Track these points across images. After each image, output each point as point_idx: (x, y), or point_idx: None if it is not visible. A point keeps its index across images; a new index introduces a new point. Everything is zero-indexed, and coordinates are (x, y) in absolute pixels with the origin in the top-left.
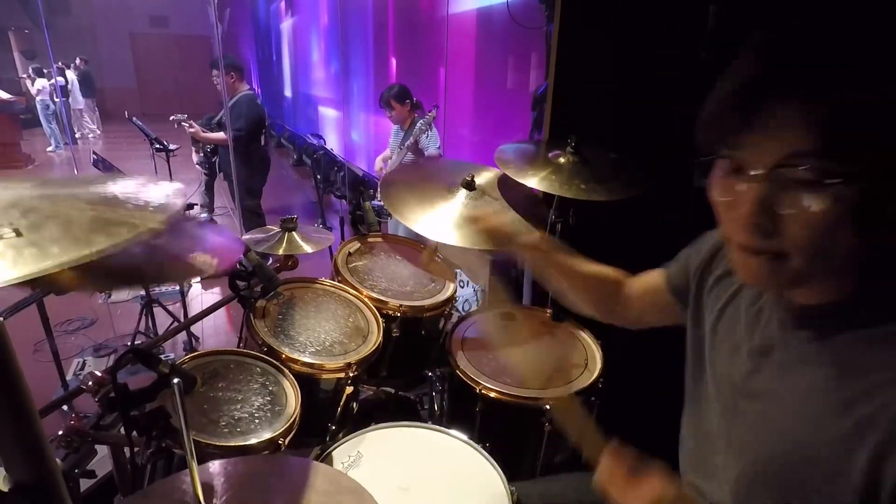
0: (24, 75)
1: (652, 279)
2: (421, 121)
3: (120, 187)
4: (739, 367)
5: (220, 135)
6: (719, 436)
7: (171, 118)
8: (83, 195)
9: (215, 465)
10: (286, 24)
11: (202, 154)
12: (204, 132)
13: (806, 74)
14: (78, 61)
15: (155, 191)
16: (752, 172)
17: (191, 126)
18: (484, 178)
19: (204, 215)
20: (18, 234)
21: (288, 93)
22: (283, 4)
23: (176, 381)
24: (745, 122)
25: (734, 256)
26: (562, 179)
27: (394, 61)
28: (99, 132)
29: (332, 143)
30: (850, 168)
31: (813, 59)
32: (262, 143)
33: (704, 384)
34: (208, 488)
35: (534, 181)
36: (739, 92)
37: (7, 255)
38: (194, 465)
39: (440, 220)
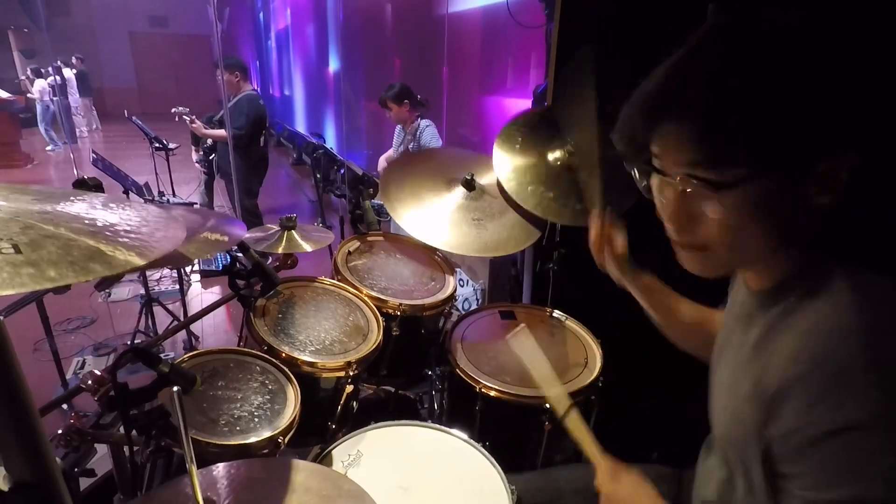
0: (24, 77)
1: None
2: (409, 127)
3: (123, 215)
4: (717, 362)
5: (221, 131)
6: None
7: (173, 110)
8: (84, 217)
9: (218, 469)
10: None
11: (201, 152)
12: (205, 128)
13: (685, 96)
14: (74, 60)
15: (157, 222)
16: (668, 176)
17: (192, 121)
18: (483, 176)
19: None
20: (17, 250)
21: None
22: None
23: (176, 389)
24: (648, 135)
25: (675, 251)
26: (558, 196)
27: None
28: (87, 132)
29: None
30: (733, 173)
31: (689, 82)
32: (262, 143)
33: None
34: (211, 493)
35: (531, 200)
36: (643, 108)
37: (4, 271)
38: (193, 468)
39: (439, 224)
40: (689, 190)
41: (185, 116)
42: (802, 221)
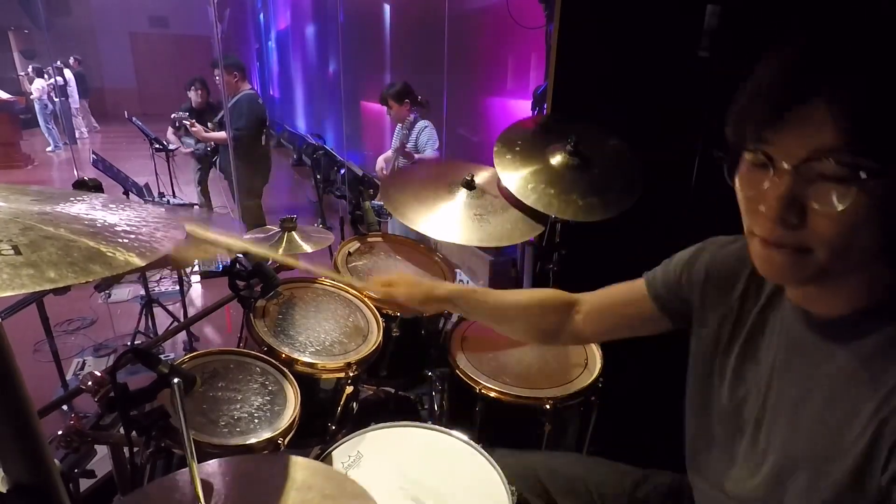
0: (23, 73)
1: (627, 292)
2: (405, 122)
3: (123, 216)
4: (760, 380)
5: (222, 134)
6: (739, 447)
7: (172, 116)
8: (84, 218)
9: (214, 465)
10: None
11: (179, 131)
12: (206, 131)
13: (834, 73)
14: (72, 61)
15: (157, 222)
16: (781, 167)
17: (192, 125)
18: (484, 177)
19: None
20: (17, 251)
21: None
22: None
23: (176, 381)
24: (777, 118)
25: (756, 251)
26: (560, 193)
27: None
28: (87, 133)
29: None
30: (874, 164)
31: (840, 60)
32: (264, 142)
33: (714, 389)
34: (208, 487)
35: (531, 196)
36: (772, 89)
37: (4, 273)
38: (194, 464)
39: (441, 219)
40: (810, 179)
41: (185, 122)
42: None
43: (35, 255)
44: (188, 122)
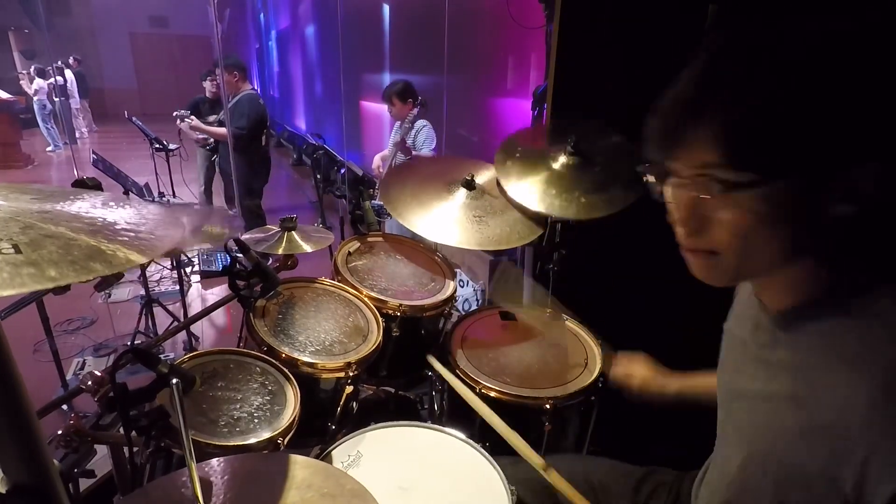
0: (24, 71)
1: None
2: (406, 119)
3: (123, 214)
4: (733, 369)
5: (223, 129)
6: (720, 437)
7: (175, 114)
8: (84, 217)
9: (214, 464)
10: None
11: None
12: (207, 123)
13: (710, 98)
14: (71, 61)
15: (156, 220)
16: (681, 179)
17: (192, 121)
18: (484, 176)
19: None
20: (17, 250)
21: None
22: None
23: (175, 381)
24: (673, 136)
25: (686, 260)
26: (561, 192)
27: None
28: (87, 132)
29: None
30: (752, 176)
31: (720, 87)
32: (264, 142)
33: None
34: (207, 487)
35: (533, 198)
36: (669, 110)
37: (4, 272)
38: (193, 464)
39: (440, 220)
40: (703, 192)
41: (187, 120)
42: (819, 231)
43: (35, 254)
44: (189, 119)
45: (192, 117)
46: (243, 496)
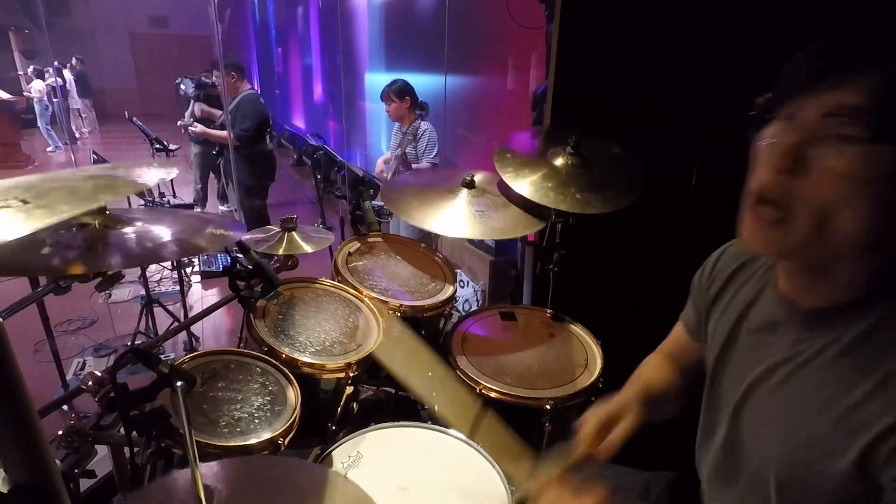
0: (22, 72)
1: (677, 338)
2: (405, 124)
3: (116, 170)
4: (750, 376)
5: (224, 133)
6: (735, 443)
7: (179, 123)
8: (82, 174)
9: (215, 466)
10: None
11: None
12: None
13: (874, 46)
14: (74, 61)
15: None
16: (801, 119)
17: (195, 127)
18: (484, 178)
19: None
20: (25, 202)
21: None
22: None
23: (179, 384)
24: (812, 82)
25: (744, 218)
26: (557, 186)
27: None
28: (87, 133)
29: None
30: (889, 135)
31: (881, 33)
32: (268, 141)
33: (716, 398)
34: (208, 488)
35: (529, 188)
36: (814, 55)
37: (18, 217)
38: (196, 466)
39: (443, 216)
40: (824, 134)
41: (191, 129)
42: None
43: (43, 201)
44: (194, 128)
45: (197, 125)
46: (243, 498)
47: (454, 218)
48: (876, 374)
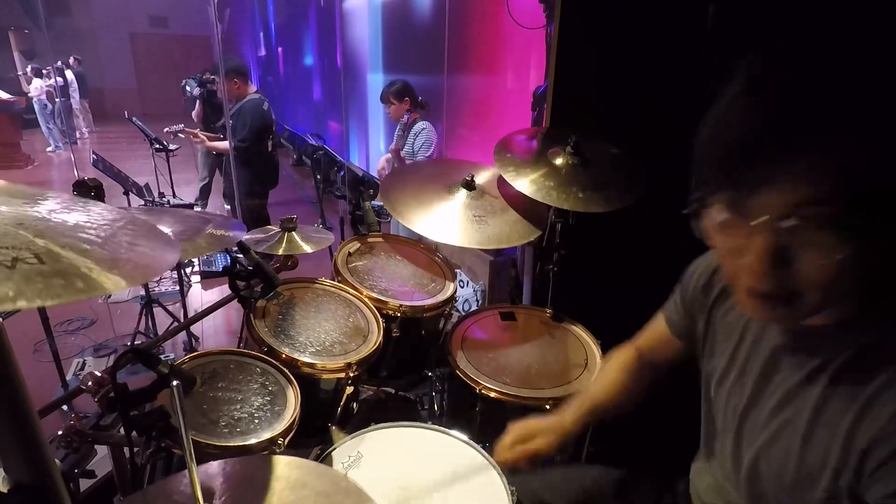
0: (21, 73)
1: (657, 332)
2: (401, 123)
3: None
4: (744, 393)
5: (224, 144)
6: (732, 463)
7: (166, 130)
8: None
9: (214, 466)
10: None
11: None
12: (210, 141)
13: (814, 126)
14: (72, 61)
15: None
16: (763, 220)
17: (195, 136)
18: (484, 177)
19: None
20: (41, 260)
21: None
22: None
23: (175, 383)
24: (753, 172)
25: (742, 298)
26: (558, 185)
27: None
28: (87, 132)
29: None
30: (863, 213)
31: (827, 114)
32: (270, 148)
33: (716, 414)
34: (207, 489)
35: (531, 187)
36: (746, 142)
37: (37, 283)
38: (193, 466)
39: (440, 220)
40: (793, 231)
41: (180, 135)
42: None
43: (58, 265)
44: (191, 133)
45: (195, 131)
46: (242, 498)
47: (451, 223)
48: (861, 398)
